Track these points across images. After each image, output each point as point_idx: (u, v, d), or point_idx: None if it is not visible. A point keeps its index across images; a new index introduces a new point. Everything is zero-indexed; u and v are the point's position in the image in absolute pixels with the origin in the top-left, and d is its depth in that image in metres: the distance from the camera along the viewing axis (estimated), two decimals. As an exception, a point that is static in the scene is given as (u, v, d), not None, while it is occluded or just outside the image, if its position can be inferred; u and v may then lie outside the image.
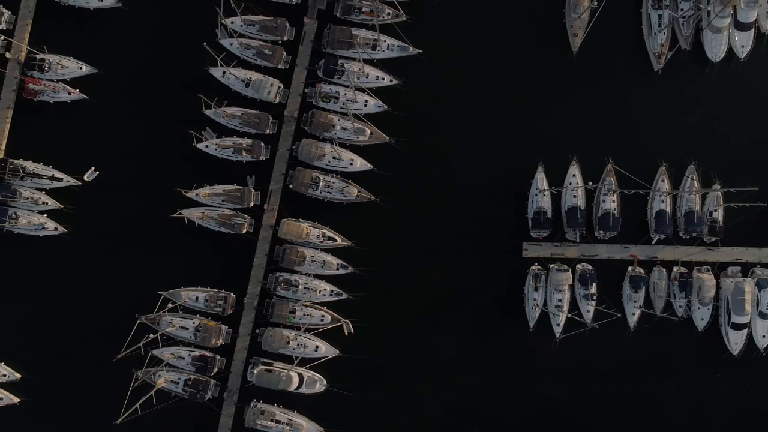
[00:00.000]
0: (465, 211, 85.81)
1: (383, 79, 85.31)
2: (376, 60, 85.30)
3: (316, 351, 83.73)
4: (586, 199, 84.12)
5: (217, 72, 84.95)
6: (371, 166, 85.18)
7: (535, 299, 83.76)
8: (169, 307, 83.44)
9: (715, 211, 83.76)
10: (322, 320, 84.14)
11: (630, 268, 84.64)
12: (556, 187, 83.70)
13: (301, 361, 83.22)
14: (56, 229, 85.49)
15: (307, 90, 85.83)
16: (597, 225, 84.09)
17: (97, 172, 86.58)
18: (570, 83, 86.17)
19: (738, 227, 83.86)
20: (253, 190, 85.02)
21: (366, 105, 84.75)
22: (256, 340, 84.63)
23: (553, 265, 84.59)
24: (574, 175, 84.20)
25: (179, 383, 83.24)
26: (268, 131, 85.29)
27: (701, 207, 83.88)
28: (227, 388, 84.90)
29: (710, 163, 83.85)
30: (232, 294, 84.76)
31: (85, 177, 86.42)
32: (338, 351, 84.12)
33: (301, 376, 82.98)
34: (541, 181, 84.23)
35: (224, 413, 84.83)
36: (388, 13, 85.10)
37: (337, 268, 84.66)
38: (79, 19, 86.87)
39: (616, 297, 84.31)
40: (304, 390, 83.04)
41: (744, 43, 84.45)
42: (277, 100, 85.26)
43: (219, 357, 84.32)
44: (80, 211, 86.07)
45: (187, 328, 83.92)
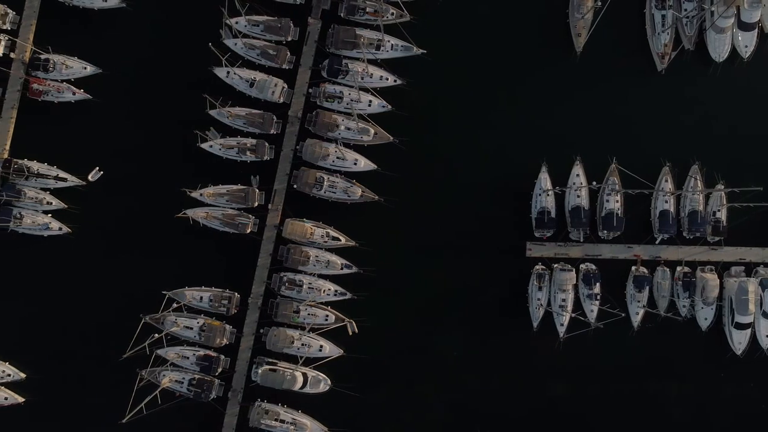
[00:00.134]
0: (469, 210, 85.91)
1: (387, 79, 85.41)
2: (380, 60, 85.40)
3: (321, 351, 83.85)
4: (590, 199, 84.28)
5: (221, 72, 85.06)
6: (375, 166, 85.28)
7: (538, 299, 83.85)
8: (173, 306, 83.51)
9: (719, 210, 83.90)
10: (327, 320, 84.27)
11: (633, 267, 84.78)
12: (560, 187, 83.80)
13: (305, 361, 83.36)
14: (60, 228, 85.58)
15: (311, 90, 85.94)
16: (601, 225, 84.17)
17: (102, 172, 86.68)
18: (573, 83, 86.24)
19: (741, 227, 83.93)
20: (258, 190, 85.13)
21: (370, 105, 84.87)
22: (261, 339, 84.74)
23: (556, 265, 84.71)
24: (577, 175, 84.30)
25: (184, 383, 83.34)
26: (272, 131, 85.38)
27: (705, 207, 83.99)
28: (232, 387, 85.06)
29: (714, 163, 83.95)
30: (236, 294, 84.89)
31: (90, 177, 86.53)
32: (342, 351, 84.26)
33: (306, 376, 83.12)
34: (544, 181, 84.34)
35: (228, 413, 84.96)
36: (392, 14, 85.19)
37: (341, 268, 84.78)
38: (84, 20, 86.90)
39: (619, 297, 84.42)
40: (308, 389, 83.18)
41: (747, 43, 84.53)
42: (281, 100, 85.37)
43: (223, 357, 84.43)
44: (84, 211, 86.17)
45: (192, 328, 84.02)
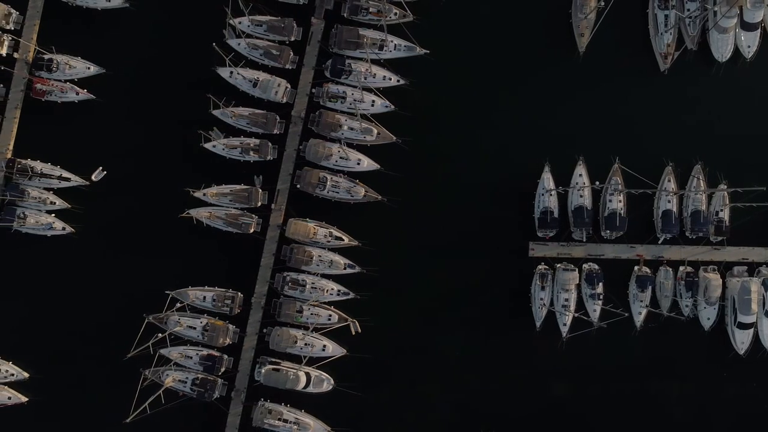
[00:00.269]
0: (472, 210, 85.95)
1: (390, 79, 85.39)
2: (383, 60, 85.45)
3: (324, 350, 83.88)
4: (593, 199, 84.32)
5: (224, 72, 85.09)
6: (378, 166, 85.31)
7: (541, 299, 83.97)
8: (177, 306, 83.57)
9: (722, 210, 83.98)
10: (330, 320, 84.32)
11: (636, 267, 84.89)
12: (563, 187, 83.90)
13: (308, 361, 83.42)
14: (64, 228, 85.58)
15: (314, 90, 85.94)
16: (603, 225, 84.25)
17: (105, 172, 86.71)
18: (576, 83, 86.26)
19: (744, 227, 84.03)
20: (261, 190, 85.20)
21: (373, 105, 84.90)
22: (264, 339, 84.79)
23: (559, 265, 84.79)
24: (580, 174, 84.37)
25: (187, 383, 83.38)
26: (276, 131, 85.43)
27: (707, 207, 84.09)
28: (235, 387, 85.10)
29: (716, 163, 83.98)
30: (239, 293, 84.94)
31: (93, 177, 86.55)
32: (345, 350, 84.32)
33: (309, 376, 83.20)
34: (547, 180, 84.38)
35: (232, 412, 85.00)
36: (395, 14, 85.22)
37: (344, 268, 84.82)
38: (87, 20, 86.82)
39: (622, 296, 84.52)
40: (311, 389, 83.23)
41: (750, 44, 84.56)
42: (285, 100, 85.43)
43: (226, 356, 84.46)
44: (88, 211, 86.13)
45: (195, 328, 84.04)
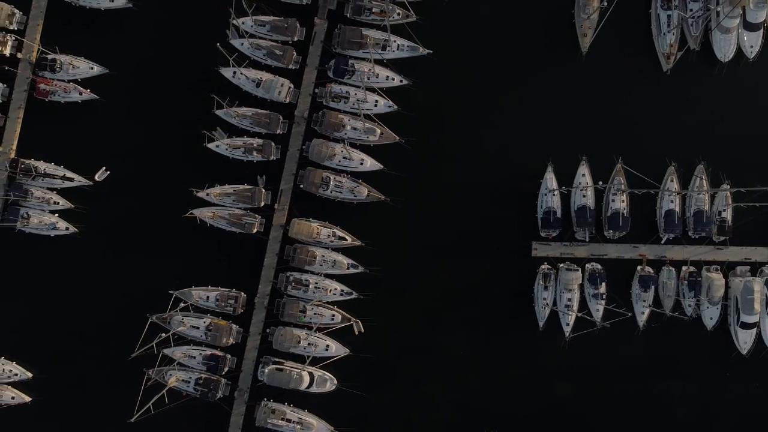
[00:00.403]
0: (474, 210, 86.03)
1: (393, 79, 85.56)
2: (386, 60, 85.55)
3: (327, 350, 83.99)
4: (596, 199, 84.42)
5: (227, 72, 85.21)
6: (381, 166, 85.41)
7: (544, 298, 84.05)
8: (180, 306, 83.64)
9: (724, 210, 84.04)
10: (333, 319, 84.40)
11: (639, 267, 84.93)
12: (566, 187, 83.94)
13: (311, 360, 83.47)
14: (67, 228, 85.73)
15: (317, 90, 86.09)
16: (606, 224, 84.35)
17: (108, 172, 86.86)
18: (579, 83, 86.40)
19: (747, 227, 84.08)
20: (264, 190, 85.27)
21: (376, 105, 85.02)
22: (267, 339, 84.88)
23: (562, 265, 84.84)
24: (583, 174, 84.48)
25: (190, 382, 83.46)
26: (279, 131, 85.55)
27: (710, 207, 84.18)
28: (238, 387, 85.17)
29: (719, 163, 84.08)
30: (242, 293, 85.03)
31: (96, 177, 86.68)
32: (349, 350, 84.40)
33: (312, 375, 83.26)
34: (550, 180, 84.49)
35: (235, 412, 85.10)
36: (398, 14, 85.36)
37: (348, 268, 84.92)
38: (90, 20, 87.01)
39: (625, 296, 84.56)
40: (314, 389, 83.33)
41: (753, 43, 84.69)
42: (288, 100, 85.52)
43: (230, 356, 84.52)
44: (91, 211, 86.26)
45: (198, 328, 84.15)
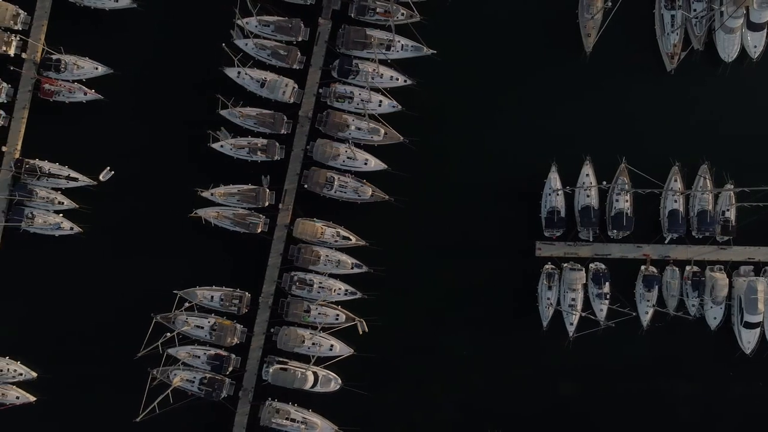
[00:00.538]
0: (478, 210, 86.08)
1: (397, 79, 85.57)
2: (390, 60, 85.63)
3: (331, 350, 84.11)
4: (599, 199, 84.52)
5: (232, 72, 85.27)
6: (385, 166, 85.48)
7: (548, 298, 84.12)
8: (185, 306, 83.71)
9: (728, 210, 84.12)
10: (337, 319, 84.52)
11: (643, 267, 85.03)
12: (570, 187, 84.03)
13: (315, 360, 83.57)
14: (72, 228, 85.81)
15: (321, 90, 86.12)
16: (610, 224, 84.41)
17: (113, 172, 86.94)
18: (583, 83, 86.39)
19: (751, 226, 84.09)
20: (268, 190, 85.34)
21: (380, 105, 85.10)
22: (271, 339, 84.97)
23: (566, 265, 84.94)
24: (587, 174, 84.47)
25: (195, 382, 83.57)
26: (283, 131, 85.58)
27: (714, 206, 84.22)
28: (242, 386, 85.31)
29: (723, 163, 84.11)
30: (247, 293, 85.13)
31: (101, 177, 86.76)
32: (353, 350, 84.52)
33: (316, 375, 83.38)
34: (554, 180, 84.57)
35: (239, 412, 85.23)
36: (402, 14, 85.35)
37: (352, 268, 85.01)
38: (95, 20, 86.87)
39: (629, 296, 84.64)
40: (319, 389, 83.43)
41: (757, 44, 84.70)
42: (292, 101, 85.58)
43: (234, 356, 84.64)
44: (96, 211, 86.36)
45: (203, 327, 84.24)
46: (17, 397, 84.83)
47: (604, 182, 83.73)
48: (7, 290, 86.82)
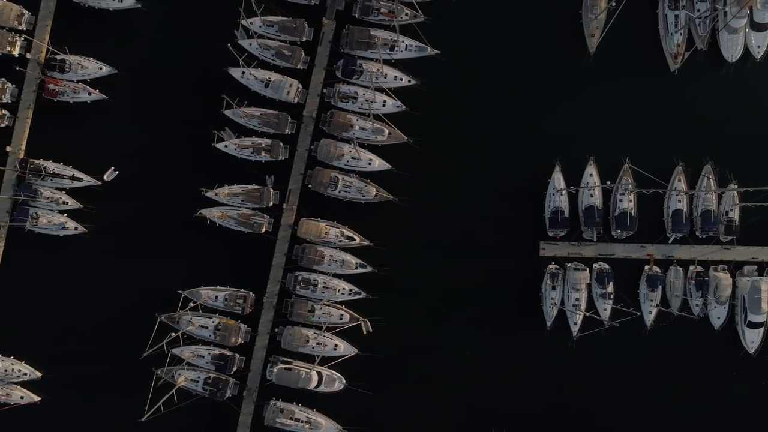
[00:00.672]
0: (482, 210, 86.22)
1: (401, 79, 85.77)
2: (394, 60, 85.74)
3: (335, 350, 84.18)
4: (603, 199, 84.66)
5: (236, 72, 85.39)
6: (389, 166, 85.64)
7: (552, 298, 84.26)
8: (189, 306, 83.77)
9: (732, 210, 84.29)
10: (341, 319, 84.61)
11: (647, 267, 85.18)
12: (574, 187, 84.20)
13: (320, 360, 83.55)
14: (76, 228, 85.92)
15: (325, 90, 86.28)
16: (614, 224, 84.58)
17: (117, 172, 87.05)
18: (587, 83, 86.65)
19: (754, 226, 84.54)
20: (272, 190, 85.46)
21: (384, 105, 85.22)
22: (276, 338, 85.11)
23: (570, 264, 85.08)
24: (591, 174, 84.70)
25: (199, 382, 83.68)
26: (287, 131, 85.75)
27: (717, 206, 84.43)
28: (247, 386, 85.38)
29: (726, 163, 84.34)
30: (251, 293, 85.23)
31: (105, 177, 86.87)
32: (357, 350, 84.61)
33: (320, 375, 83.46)
34: (558, 180, 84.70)
35: (244, 411, 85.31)
36: (406, 14, 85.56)
37: (356, 267, 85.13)
38: (99, 20, 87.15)
39: (633, 296, 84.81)
40: (323, 388, 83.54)
41: (760, 44, 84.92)
42: (296, 101, 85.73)
43: (238, 356, 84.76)
44: (100, 211, 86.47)
45: (207, 327, 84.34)
46: (22, 397, 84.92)
47: (608, 182, 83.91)
48: (11, 290, 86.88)
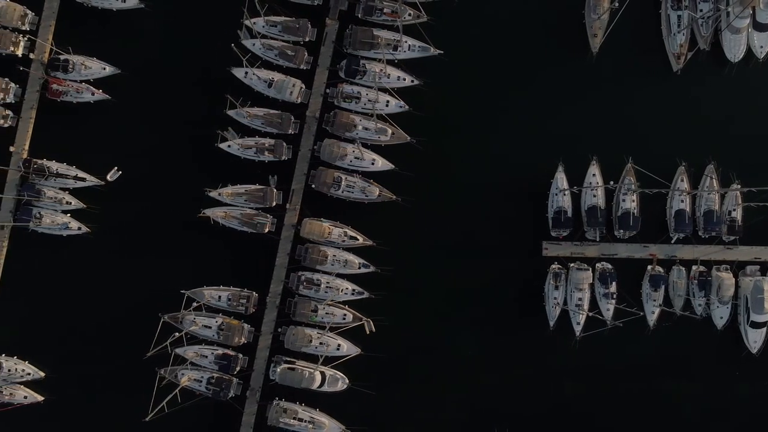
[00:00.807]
0: (485, 210, 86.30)
1: (404, 79, 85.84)
2: (397, 60, 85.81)
3: (338, 349, 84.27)
4: (606, 199, 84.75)
5: (239, 72, 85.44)
6: (392, 166, 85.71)
7: (555, 298, 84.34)
8: (193, 306, 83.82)
9: (734, 210, 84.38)
10: (344, 319, 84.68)
11: (649, 267, 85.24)
12: (577, 187, 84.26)
13: (323, 360, 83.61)
14: (80, 228, 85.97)
15: (328, 90, 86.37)
16: (617, 224, 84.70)
17: (120, 172, 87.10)
18: (589, 84, 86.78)
19: (757, 226, 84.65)
20: (276, 190, 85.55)
21: (387, 105, 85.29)
22: (279, 338, 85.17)
23: (573, 264, 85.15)
24: (594, 174, 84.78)
25: (202, 382, 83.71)
26: (290, 131, 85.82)
27: (720, 206, 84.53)
28: (250, 386, 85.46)
29: (729, 163, 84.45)
30: (254, 293, 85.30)
31: (108, 177, 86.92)
32: (360, 350, 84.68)
33: (324, 375, 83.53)
34: (561, 180, 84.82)
35: (247, 411, 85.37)
36: (410, 14, 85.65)
37: (359, 267, 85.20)
38: (102, 20, 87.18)
39: (635, 296, 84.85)
40: (326, 388, 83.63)
41: (763, 44, 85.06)
42: (299, 101, 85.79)
43: (242, 355, 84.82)
44: (103, 211, 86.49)
45: (210, 327, 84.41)
46: (25, 397, 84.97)
47: (611, 182, 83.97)
48: (15, 290, 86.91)
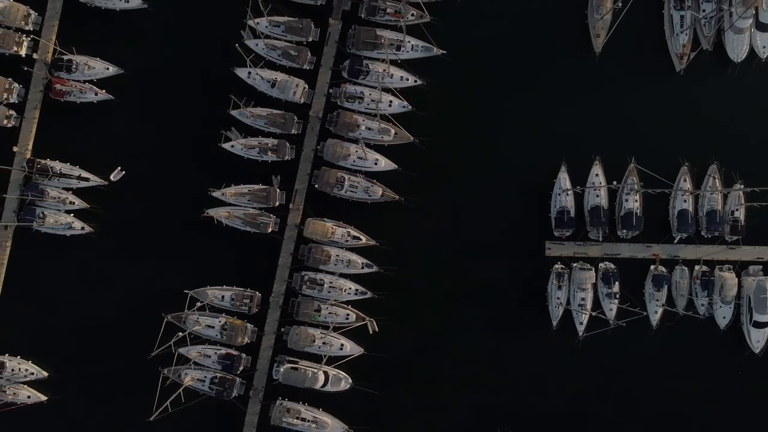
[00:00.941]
0: (488, 210, 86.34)
1: (407, 79, 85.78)
2: (400, 60, 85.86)
3: (341, 349, 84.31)
4: (609, 199, 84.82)
5: (242, 72, 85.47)
6: (396, 166, 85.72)
7: (558, 298, 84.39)
8: (196, 306, 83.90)
9: (737, 210, 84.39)
10: (347, 319, 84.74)
11: (652, 266, 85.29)
12: (579, 187, 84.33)
13: (326, 360, 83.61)
14: (83, 228, 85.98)
15: (331, 90, 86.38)
16: (620, 224, 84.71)
17: (124, 172, 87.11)
18: (592, 84, 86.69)
19: (760, 226, 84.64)
20: (279, 190, 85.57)
21: (390, 105, 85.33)
22: (282, 338, 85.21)
23: (576, 264, 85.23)
24: (597, 174, 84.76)
25: (206, 381, 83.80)
26: (294, 131, 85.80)
27: (723, 206, 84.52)
28: (253, 386, 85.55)
29: (732, 163, 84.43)
30: (257, 293, 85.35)
31: (112, 177, 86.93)
32: (363, 349, 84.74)
33: (327, 374, 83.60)
34: (564, 180, 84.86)
35: (250, 411, 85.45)
36: (413, 14, 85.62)
37: (362, 267, 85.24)
38: (105, 20, 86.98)
39: (638, 295, 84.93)
40: (329, 388, 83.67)
41: (766, 44, 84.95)
42: (303, 101, 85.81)
43: (245, 355, 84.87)
44: (107, 211, 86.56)
45: (214, 327, 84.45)
46: (28, 397, 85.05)
47: (614, 182, 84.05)
48: (18, 290, 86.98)
